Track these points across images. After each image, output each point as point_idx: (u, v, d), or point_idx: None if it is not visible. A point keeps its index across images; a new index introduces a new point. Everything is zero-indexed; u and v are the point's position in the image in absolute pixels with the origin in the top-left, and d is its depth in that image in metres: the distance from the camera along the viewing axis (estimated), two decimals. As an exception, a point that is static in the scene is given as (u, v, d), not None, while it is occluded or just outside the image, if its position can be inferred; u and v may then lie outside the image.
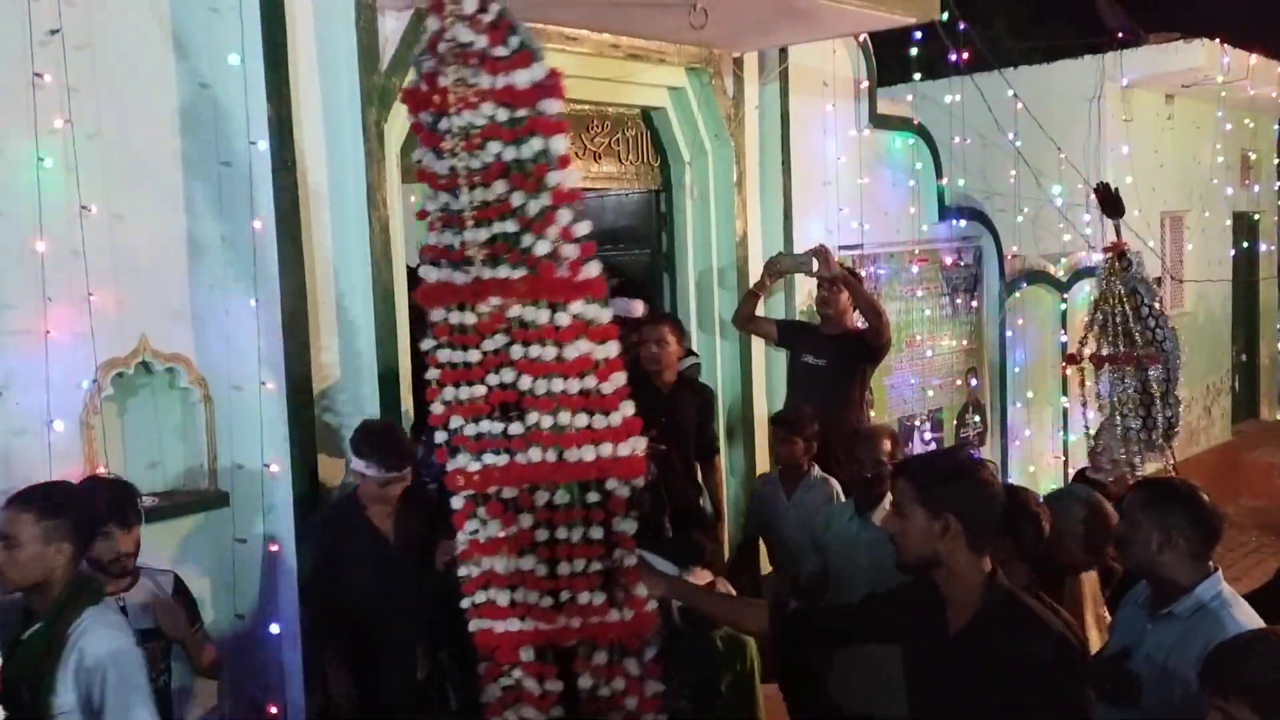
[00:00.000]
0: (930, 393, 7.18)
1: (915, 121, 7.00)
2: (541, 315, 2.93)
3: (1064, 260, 8.43)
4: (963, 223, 7.37)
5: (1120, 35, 9.12)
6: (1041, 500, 3.54)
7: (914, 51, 7.31)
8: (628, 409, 3.02)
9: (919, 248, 7.03)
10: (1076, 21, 10.71)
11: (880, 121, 6.68)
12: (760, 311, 5.54)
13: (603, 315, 3.00)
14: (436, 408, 3.03)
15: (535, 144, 2.90)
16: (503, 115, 2.89)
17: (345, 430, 4.19)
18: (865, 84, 6.54)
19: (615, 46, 5.05)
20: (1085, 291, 8.51)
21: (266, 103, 3.89)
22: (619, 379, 3.01)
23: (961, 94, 7.51)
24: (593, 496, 2.97)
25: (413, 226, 4.13)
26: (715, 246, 5.77)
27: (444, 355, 3.00)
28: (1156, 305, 5.36)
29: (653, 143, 5.72)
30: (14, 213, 3.53)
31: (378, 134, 4.18)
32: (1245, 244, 11.17)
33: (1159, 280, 7.34)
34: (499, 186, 2.90)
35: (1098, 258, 8.65)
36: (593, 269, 2.97)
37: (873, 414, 6.19)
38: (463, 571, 3.03)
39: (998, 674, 2.40)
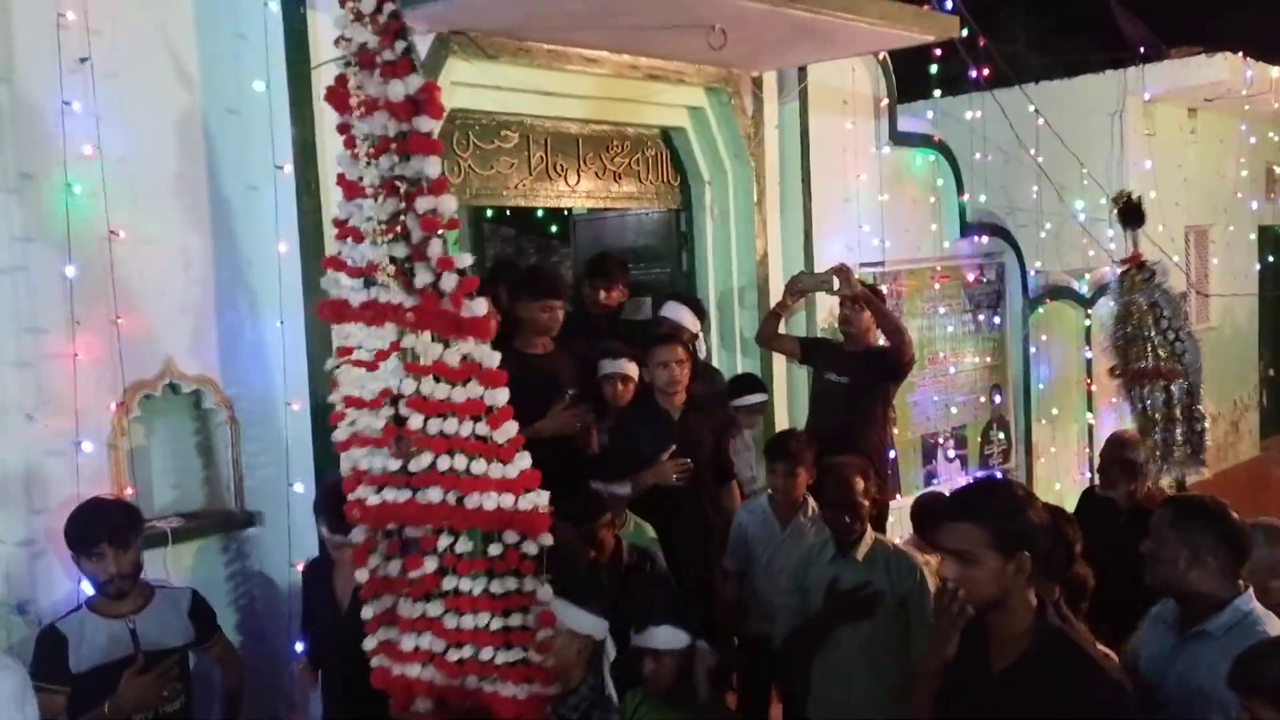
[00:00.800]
0: (954, 410, 7.14)
1: (936, 138, 6.99)
2: (434, 350, 2.73)
3: (1087, 276, 8.38)
4: (985, 239, 7.35)
5: (1142, 49, 9.08)
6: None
7: (934, 68, 7.31)
8: (524, 461, 2.79)
9: (941, 264, 7.01)
10: (1098, 36, 10.67)
11: (901, 139, 6.68)
12: (782, 330, 5.54)
13: (491, 359, 2.78)
14: (340, 433, 2.86)
15: (414, 163, 2.68)
16: (394, 128, 2.70)
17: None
18: (885, 101, 6.55)
19: (634, 67, 5.09)
20: (1109, 307, 8.46)
21: (291, 127, 3.95)
22: (511, 429, 2.79)
23: (982, 110, 7.50)
24: (495, 548, 2.78)
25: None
26: (736, 265, 5.78)
27: (345, 379, 2.84)
28: (1179, 319, 5.23)
29: (673, 162, 5.75)
30: (44, 238, 3.59)
31: (400, 157, 4.22)
32: (1271, 258, 11.07)
33: (1184, 295, 7.26)
34: (391, 204, 2.70)
35: (1117, 271, 8.64)
36: (478, 306, 2.72)
37: (895, 431, 6.17)
38: (366, 612, 2.85)
39: (1048, 716, 2.32)
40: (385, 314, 2.76)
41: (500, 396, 2.78)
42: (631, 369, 4.75)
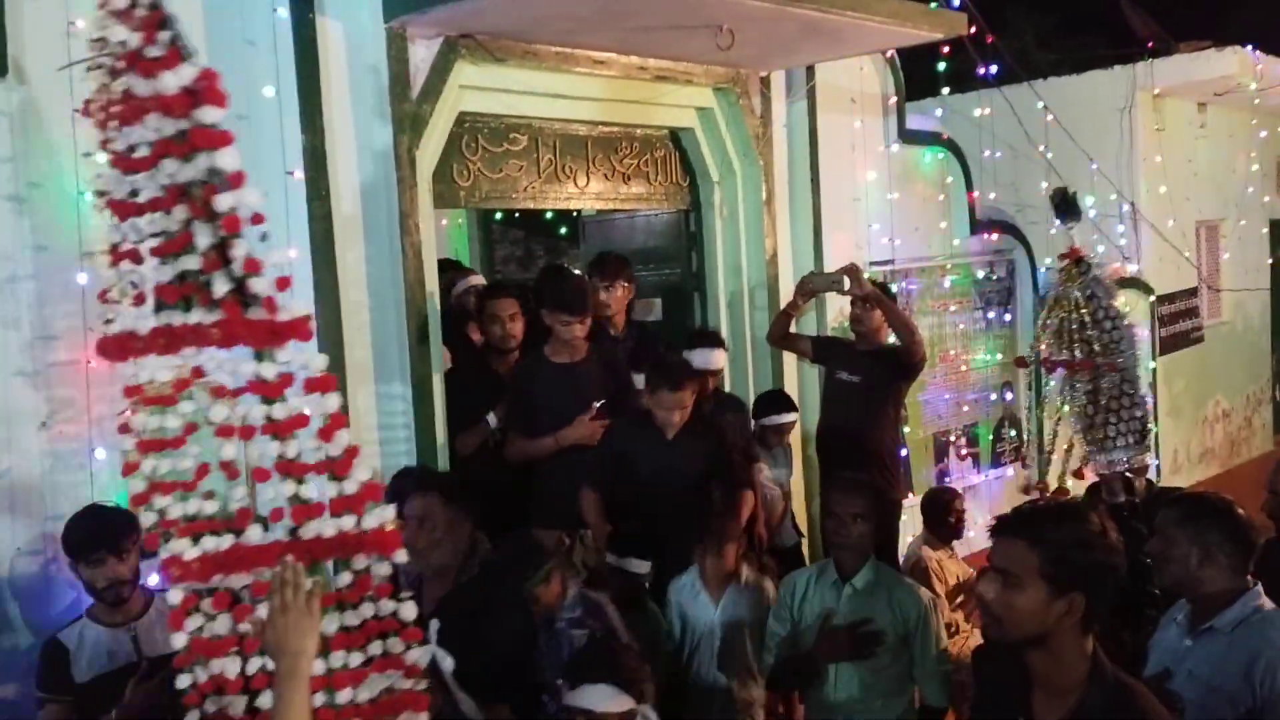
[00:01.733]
0: (965, 407, 7.13)
1: (945, 136, 6.98)
2: (245, 368, 2.40)
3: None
4: (994, 236, 7.34)
5: (1150, 44, 9.05)
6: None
7: (942, 66, 7.30)
8: (362, 473, 2.47)
9: (951, 262, 7.00)
10: (1106, 31, 10.64)
11: (909, 137, 6.67)
12: (792, 329, 5.53)
13: (317, 361, 2.47)
14: (136, 485, 2.50)
15: (201, 161, 2.40)
16: (170, 128, 2.41)
17: (382, 456, 4.23)
18: (893, 99, 6.54)
19: (643, 69, 5.09)
20: (1121, 302, 8.42)
21: (301, 133, 3.96)
22: (344, 436, 2.45)
23: (991, 107, 7.48)
24: (344, 578, 2.44)
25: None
26: (745, 265, 5.78)
27: (139, 421, 2.48)
28: (1114, 307, 5.16)
29: (681, 163, 5.74)
30: (56, 246, 3.60)
31: (409, 161, 4.23)
32: (1283, 251, 11.02)
33: (1121, 282, 7.25)
34: (179, 213, 2.39)
35: (1133, 269, 8.61)
36: (296, 305, 2.42)
37: (906, 430, 6.16)
38: (183, 681, 2.43)
39: None
40: (182, 337, 2.40)
41: (330, 403, 2.44)
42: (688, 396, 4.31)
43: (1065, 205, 5.52)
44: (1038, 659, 2.12)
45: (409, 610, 2.50)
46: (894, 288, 6.21)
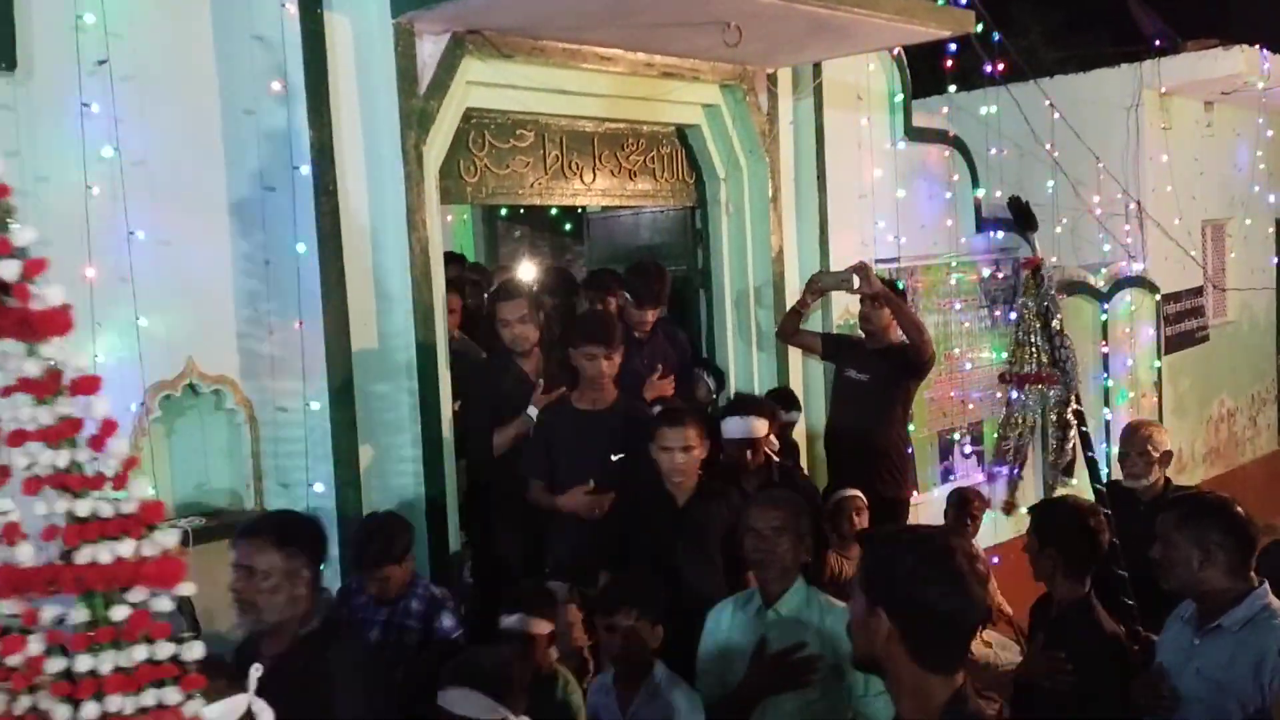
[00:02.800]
0: (970, 406, 7.12)
1: (951, 133, 6.97)
2: (11, 363, 2.05)
3: (1104, 271, 8.35)
4: (1000, 234, 7.32)
5: (1157, 42, 9.03)
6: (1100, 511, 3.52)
7: (949, 63, 7.28)
8: (141, 487, 2.16)
9: (956, 260, 6.99)
10: (1113, 29, 10.62)
11: (916, 134, 6.66)
12: (801, 326, 5.53)
13: (78, 359, 2.15)
14: None
15: None
16: None
17: (389, 450, 4.23)
18: (900, 97, 6.53)
19: (649, 65, 5.08)
20: (1126, 301, 8.42)
21: (309, 128, 3.96)
22: (121, 447, 2.15)
23: (997, 105, 7.47)
24: (119, 612, 2.09)
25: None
26: (751, 262, 5.77)
27: None
28: (1057, 323, 4.94)
29: (687, 160, 5.74)
30: (64, 240, 3.59)
31: (417, 156, 4.23)
32: (1289, 251, 10.99)
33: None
34: None
35: (1138, 267, 8.60)
36: (53, 295, 2.08)
37: (912, 428, 6.16)
38: None
39: None
40: None
41: (99, 407, 2.12)
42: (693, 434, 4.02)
43: (1021, 215, 5.28)
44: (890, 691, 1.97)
45: (193, 651, 2.18)
46: (900, 284, 6.20)
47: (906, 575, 1.87)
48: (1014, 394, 5.25)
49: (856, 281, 5.14)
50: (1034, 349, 4.91)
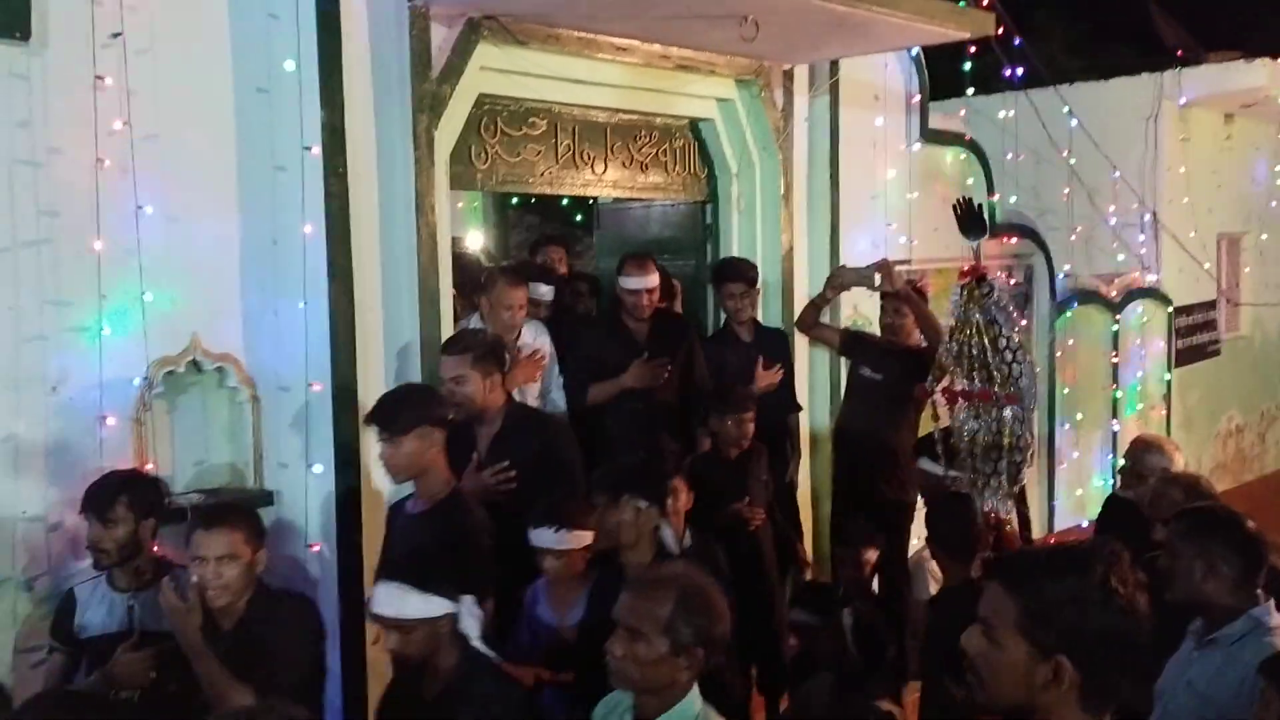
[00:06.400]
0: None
1: (967, 137, 6.93)
2: None
3: (1117, 281, 8.30)
4: (1014, 240, 7.29)
5: (1179, 53, 8.97)
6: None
7: (967, 66, 7.24)
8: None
9: (967, 263, 6.94)
10: (1134, 39, 10.55)
11: (932, 136, 6.62)
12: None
13: None
14: None
15: None
16: None
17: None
18: (917, 98, 6.49)
19: (665, 57, 5.06)
20: (1138, 312, 8.37)
21: (320, 109, 3.95)
22: None
23: (1015, 110, 7.43)
24: None
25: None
26: (761, 259, 5.74)
27: None
28: (1015, 338, 4.53)
29: (700, 154, 5.72)
30: (72, 212, 3.61)
31: (427, 141, 4.22)
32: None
33: (1025, 305, 6.93)
34: None
35: (1151, 279, 8.55)
36: None
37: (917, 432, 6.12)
38: None
39: None
40: None
41: None
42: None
43: (969, 219, 4.71)
44: None
45: None
46: (926, 287, 6.16)
47: (1080, 605, 1.68)
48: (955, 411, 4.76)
49: (878, 279, 5.11)
50: (974, 364, 4.51)
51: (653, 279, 4.88)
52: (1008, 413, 4.41)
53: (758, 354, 5.25)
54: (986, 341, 4.49)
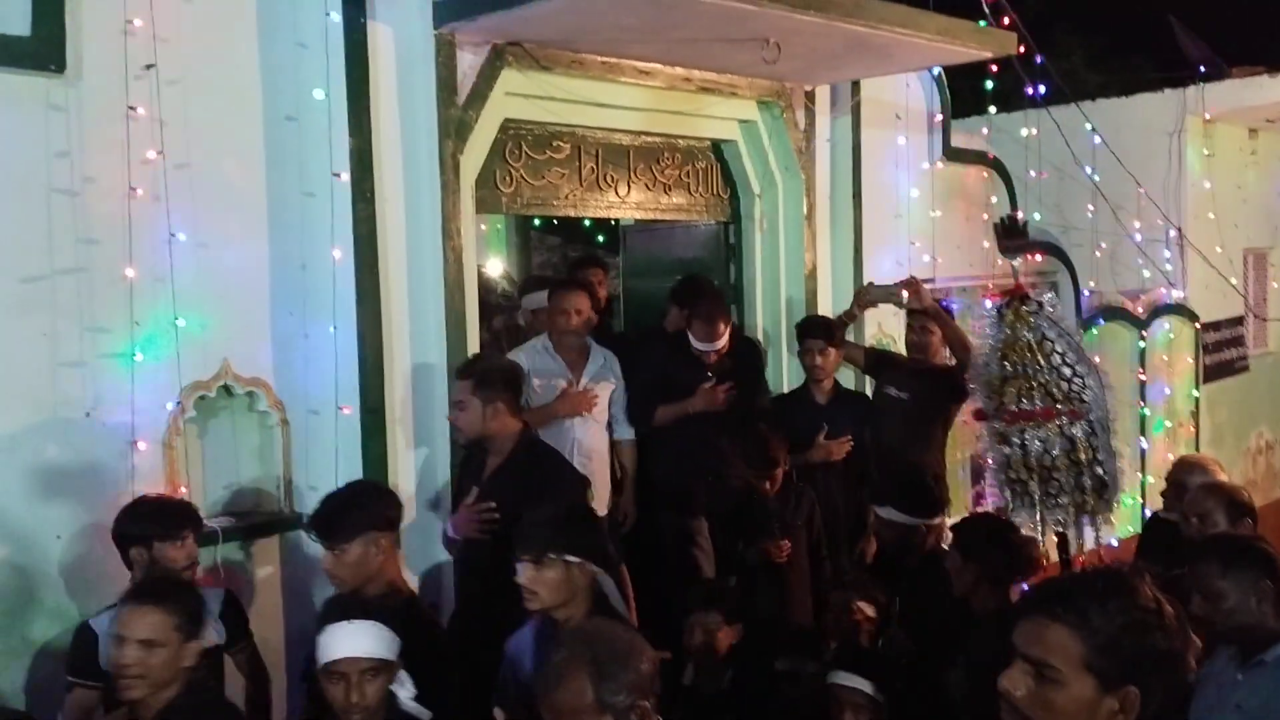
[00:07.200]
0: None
1: (990, 155, 6.92)
2: None
3: (1143, 297, 8.25)
4: (1038, 258, 7.26)
5: (1202, 68, 8.93)
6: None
7: (989, 84, 7.24)
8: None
9: (993, 282, 6.93)
10: (1156, 54, 10.52)
11: (954, 154, 6.63)
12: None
13: None
14: None
15: None
16: None
17: (418, 455, 4.26)
18: (939, 117, 6.50)
19: (687, 80, 5.10)
20: (1165, 329, 8.31)
21: (349, 136, 4.01)
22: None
23: (1038, 127, 7.41)
24: None
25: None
26: (784, 279, 5.76)
27: None
28: (1072, 351, 4.43)
29: (723, 175, 5.74)
30: (106, 240, 3.67)
31: (454, 166, 4.27)
32: (1333, 282, 10.81)
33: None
34: None
35: (1178, 295, 8.49)
36: None
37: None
38: None
39: None
40: None
41: None
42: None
43: (1010, 234, 4.60)
44: None
45: None
46: (955, 307, 6.13)
47: (1139, 631, 1.66)
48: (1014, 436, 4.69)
49: (905, 296, 5.10)
50: (1031, 383, 4.45)
51: (722, 340, 4.80)
52: (1077, 429, 4.26)
53: (828, 420, 5.15)
54: (1041, 359, 4.35)
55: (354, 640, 2.68)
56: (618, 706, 2.12)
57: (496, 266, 8.91)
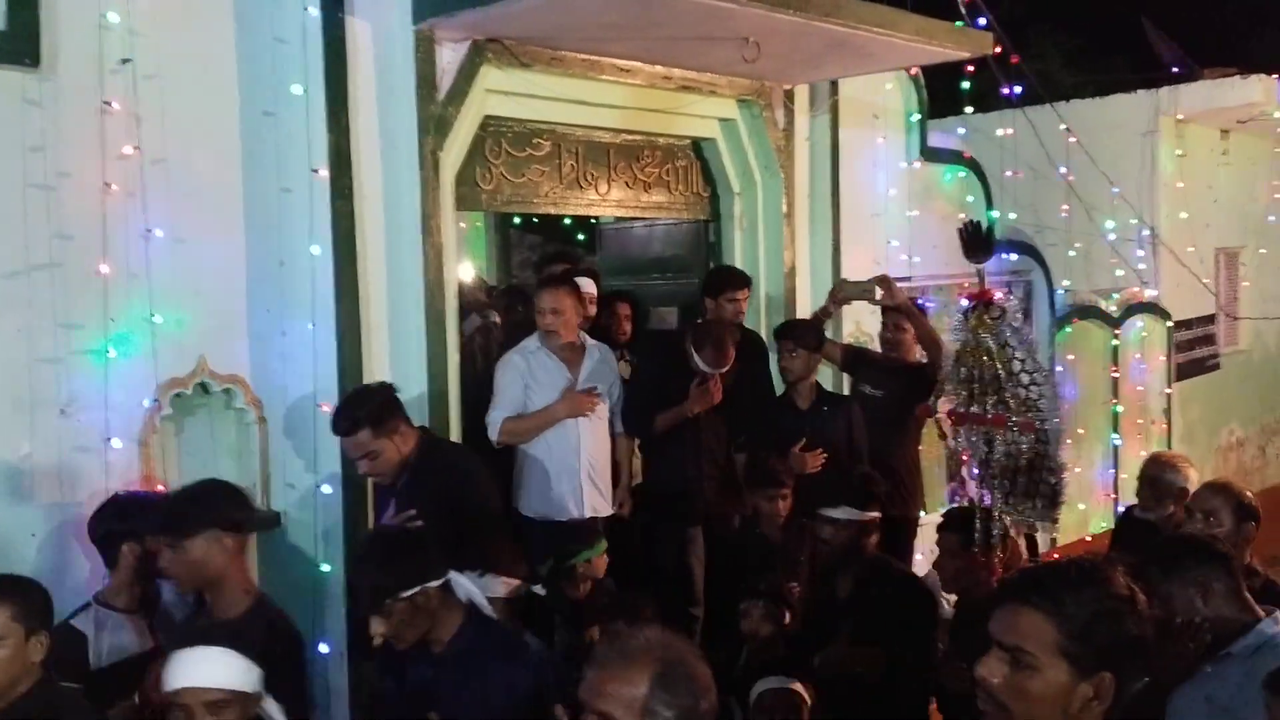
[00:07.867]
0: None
1: (966, 154, 6.98)
2: None
3: (1116, 296, 8.34)
4: (1013, 256, 7.32)
5: (1175, 69, 9.04)
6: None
7: (965, 84, 7.30)
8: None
9: (968, 281, 6.98)
10: (1131, 55, 10.63)
11: (931, 154, 6.67)
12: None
13: None
14: None
15: None
16: None
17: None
18: (916, 117, 6.54)
19: (667, 78, 5.10)
20: (1137, 328, 8.40)
21: (327, 132, 3.98)
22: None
23: (1013, 127, 7.48)
24: None
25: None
26: (764, 277, 5.78)
27: None
28: (1033, 359, 4.31)
29: (703, 173, 5.75)
30: (81, 235, 3.63)
31: (433, 162, 4.25)
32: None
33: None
34: None
35: (1151, 294, 8.58)
36: None
37: (921, 447, 6.14)
38: None
39: None
40: None
41: None
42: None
43: (974, 241, 4.44)
44: None
45: None
46: (929, 304, 6.17)
47: (1112, 618, 1.69)
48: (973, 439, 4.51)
49: (879, 292, 5.13)
50: (986, 389, 4.29)
51: (728, 364, 4.72)
52: (1024, 440, 4.30)
53: (807, 425, 4.94)
54: (1000, 366, 4.28)
55: (198, 668, 2.39)
56: (658, 718, 1.97)
57: (469, 270, 8.86)
